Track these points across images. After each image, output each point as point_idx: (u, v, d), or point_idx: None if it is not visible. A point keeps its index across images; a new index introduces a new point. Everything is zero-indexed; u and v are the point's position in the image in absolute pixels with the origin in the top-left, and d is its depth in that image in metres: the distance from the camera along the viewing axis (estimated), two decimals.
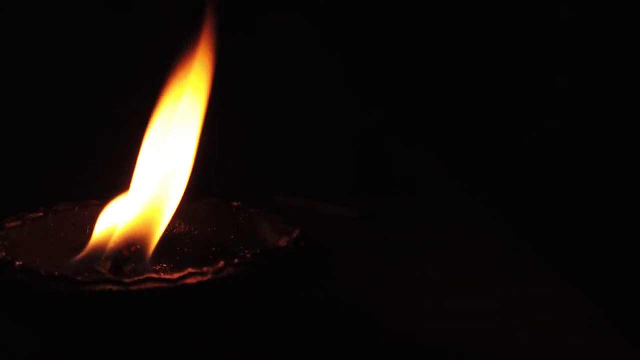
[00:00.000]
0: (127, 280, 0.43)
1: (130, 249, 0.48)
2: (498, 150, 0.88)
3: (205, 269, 0.44)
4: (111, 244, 0.49)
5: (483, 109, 0.91)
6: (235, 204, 0.53)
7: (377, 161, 0.81)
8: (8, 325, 0.45)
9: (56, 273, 0.44)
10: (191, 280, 0.43)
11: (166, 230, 0.51)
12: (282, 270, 0.46)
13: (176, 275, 0.43)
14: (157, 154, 0.51)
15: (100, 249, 0.49)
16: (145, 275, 0.43)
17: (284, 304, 0.48)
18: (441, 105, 0.92)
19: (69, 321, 0.44)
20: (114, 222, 0.50)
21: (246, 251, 0.47)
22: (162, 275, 0.43)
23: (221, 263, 0.44)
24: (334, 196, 0.73)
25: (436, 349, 0.53)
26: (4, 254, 0.46)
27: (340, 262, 0.59)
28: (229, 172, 0.74)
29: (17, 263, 0.45)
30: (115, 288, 0.43)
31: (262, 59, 0.81)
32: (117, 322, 0.43)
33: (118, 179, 0.53)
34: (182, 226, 0.54)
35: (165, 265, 0.51)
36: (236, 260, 0.44)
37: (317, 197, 0.72)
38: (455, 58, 0.93)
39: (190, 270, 0.44)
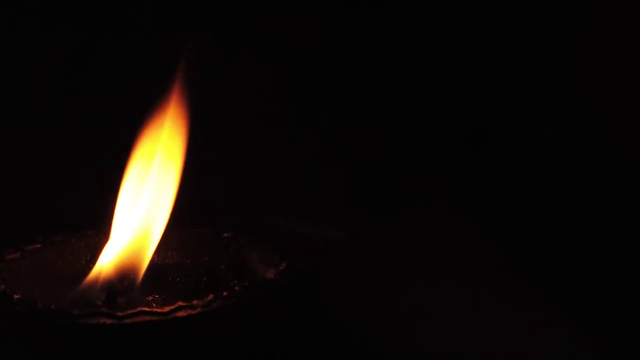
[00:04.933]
0: (120, 314, 0.45)
1: (123, 282, 0.50)
2: (490, 164, 0.88)
3: (195, 302, 0.46)
4: (103, 275, 0.51)
5: (477, 117, 0.91)
6: (225, 234, 0.55)
7: (366, 180, 0.81)
8: (6, 356, 0.47)
9: (52, 306, 0.46)
10: (181, 314, 0.45)
11: (159, 260, 0.53)
12: (270, 302, 0.48)
13: (167, 309, 0.45)
14: (139, 188, 0.52)
15: (94, 281, 0.50)
16: (138, 309, 0.45)
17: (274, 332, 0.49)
18: (435, 118, 0.92)
19: (65, 353, 0.46)
20: (104, 254, 0.52)
21: (235, 282, 0.49)
22: (154, 309, 0.45)
23: (210, 296, 0.46)
24: (323, 217, 0.74)
25: None
26: (3, 287, 0.48)
27: (329, 284, 0.60)
28: (218, 195, 0.75)
29: (16, 296, 0.47)
30: (108, 322, 0.45)
31: (246, 76, 0.81)
32: (110, 354, 0.45)
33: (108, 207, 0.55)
34: (174, 257, 0.56)
35: (157, 296, 0.53)
36: (225, 294, 0.46)
37: (307, 218, 0.73)
38: (453, 65, 0.92)
39: (180, 303, 0.46)
